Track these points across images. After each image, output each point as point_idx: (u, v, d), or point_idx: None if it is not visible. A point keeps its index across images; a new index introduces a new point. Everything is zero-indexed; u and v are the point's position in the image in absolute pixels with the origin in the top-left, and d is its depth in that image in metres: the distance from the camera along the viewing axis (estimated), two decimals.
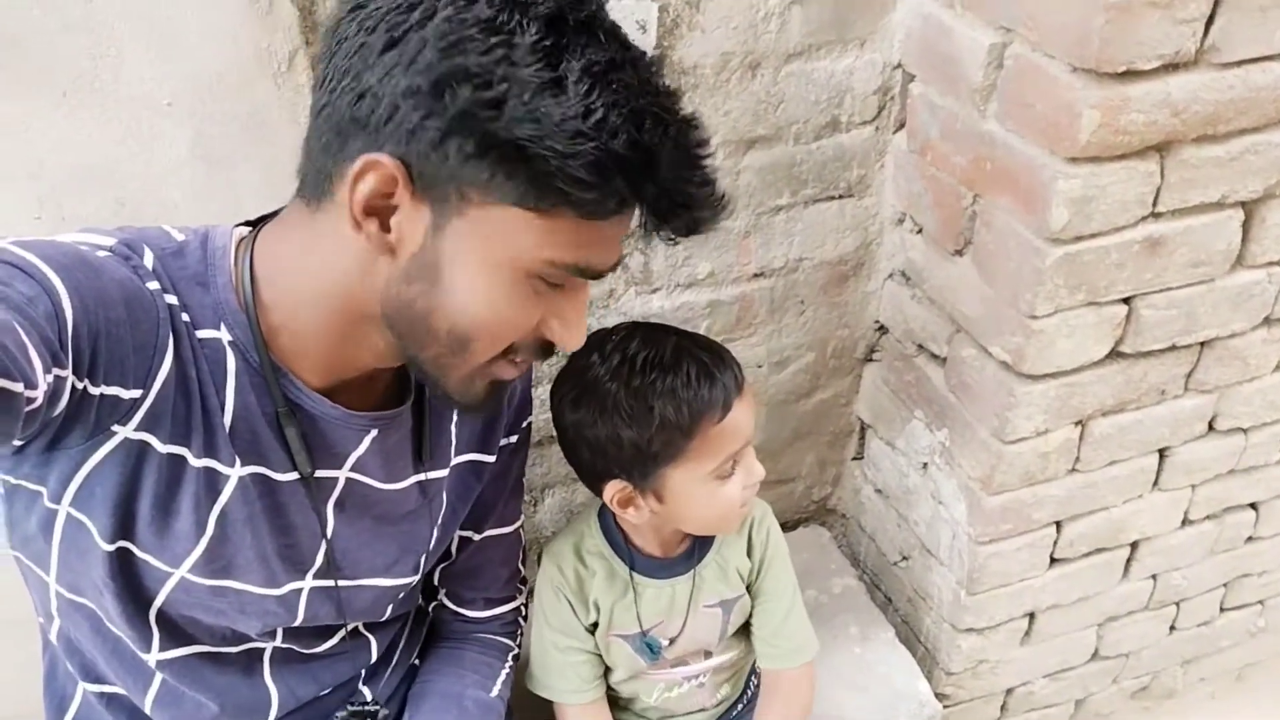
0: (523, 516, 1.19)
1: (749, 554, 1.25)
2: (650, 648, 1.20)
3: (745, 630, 1.30)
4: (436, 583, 1.17)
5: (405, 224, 0.72)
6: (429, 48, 0.66)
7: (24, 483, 0.77)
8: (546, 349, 0.83)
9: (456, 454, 1.03)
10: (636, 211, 0.76)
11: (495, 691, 1.15)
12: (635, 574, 1.19)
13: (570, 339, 0.81)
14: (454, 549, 1.14)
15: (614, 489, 1.09)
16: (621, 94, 0.67)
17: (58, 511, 0.78)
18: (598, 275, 0.79)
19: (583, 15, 0.68)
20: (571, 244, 0.73)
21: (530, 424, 1.13)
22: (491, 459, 1.07)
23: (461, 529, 1.12)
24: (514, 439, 1.10)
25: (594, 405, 1.05)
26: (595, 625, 1.21)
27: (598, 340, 1.08)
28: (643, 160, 0.68)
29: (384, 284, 0.76)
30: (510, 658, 1.20)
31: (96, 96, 1.03)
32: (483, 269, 0.73)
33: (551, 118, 0.65)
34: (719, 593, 1.23)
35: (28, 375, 0.60)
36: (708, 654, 1.26)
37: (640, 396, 1.02)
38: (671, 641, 1.21)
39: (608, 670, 1.26)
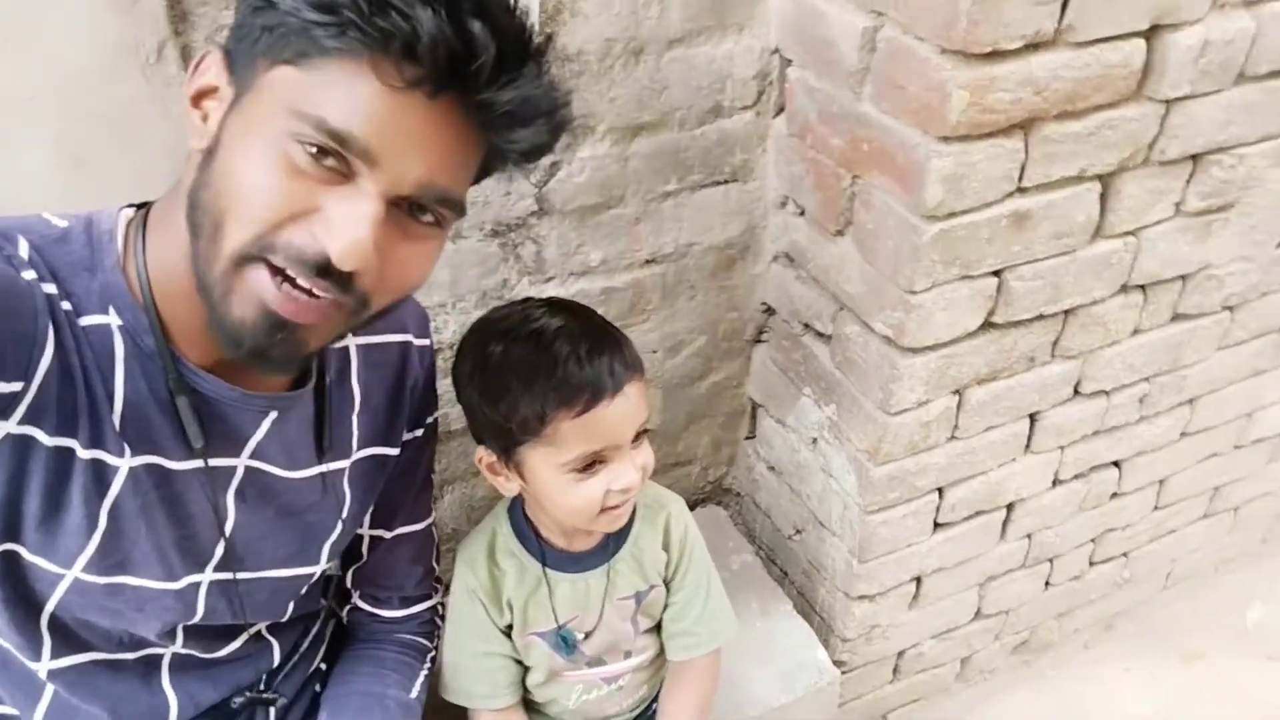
0: (434, 514, 1.18)
1: (665, 548, 1.24)
2: (566, 641, 1.19)
3: (659, 630, 1.29)
4: (350, 584, 1.15)
5: (215, 111, 0.75)
6: None
7: None
8: (314, 263, 0.71)
9: (359, 446, 1.01)
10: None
11: (414, 693, 1.14)
12: (548, 569, 1.18)
13: (336, 245, 0.70)
14: (365, 549, 1.12)
15: (481, 454, 1.10)
16: None
17: None
18: (365, 153, 0.70)
19: None
20: (325, 97, 0.69)
21: (436, 420, 1.12)
22: (395, 452, 1.06)
23: (372, 528, 1.11)
24: (419, 433, 1.09)
25: (468, 365, 1.05)
26: (510, 627, 1.20)
27: (521, 302, 1.09)
28: None
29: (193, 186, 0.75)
30: (428, 659, 1.19)
31: None
32: (248, 135, 0.72)
33: None
34: (633, 585, 1.22)
35: None
36: (627, 654, 1.26)
37: (506, 368, 1.02)
38: (587, 636, 1.21)
39: (525, 673, 1.24)
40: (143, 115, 1.07)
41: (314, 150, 0.70)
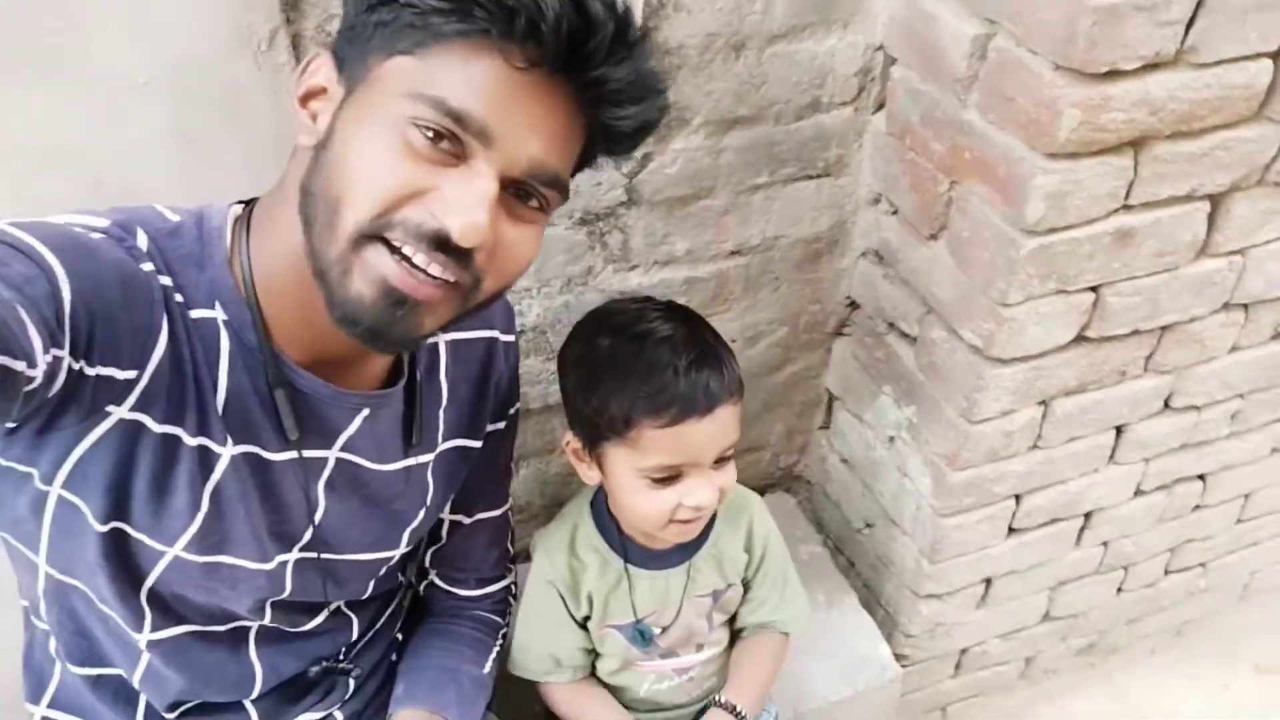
0: (510, 499, 1.21)
1: (747, 550, 1.25)
2: (643, 635, 1.22)
3: (732, 622, 1.32)
4: (428, 564, 1.19)
5: (326, 108, 0.77)
6: None
7: (14, 465, 0.77)
8: (433, 237, 0.73)
9: (444, 439, 1.04)
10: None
11: (487, 669, 1.18)
12: (629, 565, 1.20)
13: (453, 220, 0.72)
14: (444, 532, 1.16)
15: (569, 439, 1.12)
16: None
17: (49, 493, 0.78)
18: (482, 133, 0.72)
19: None
20: (444, 81, 0.71)
21: (518, 410, 1.14)
22: (479, 444, 1.09)
23: (452, 513, 1.14)
24: (501, 425, 1.12)
25: (577, 353, 1.08)
26: (587, 619, 1.23)
27: (641, 299, 1.11)
28: None
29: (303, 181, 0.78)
30: (501, 635, 1.22)
31: (70, 75, 1.01)
32: (363, 123, 0.74)
33: None
34: (712, 583, 1.24)
35: (29, 354, 0.61)
36: (700, 647, 1.28)
37: (605, 365, 1.04)
38: (664, 630, 1.24)
39: (596, 660, 1.28)
40: (253, 100, 1.09)
41: (431, 134, 0.71)
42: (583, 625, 1.23)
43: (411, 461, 1.00)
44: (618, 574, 1.20)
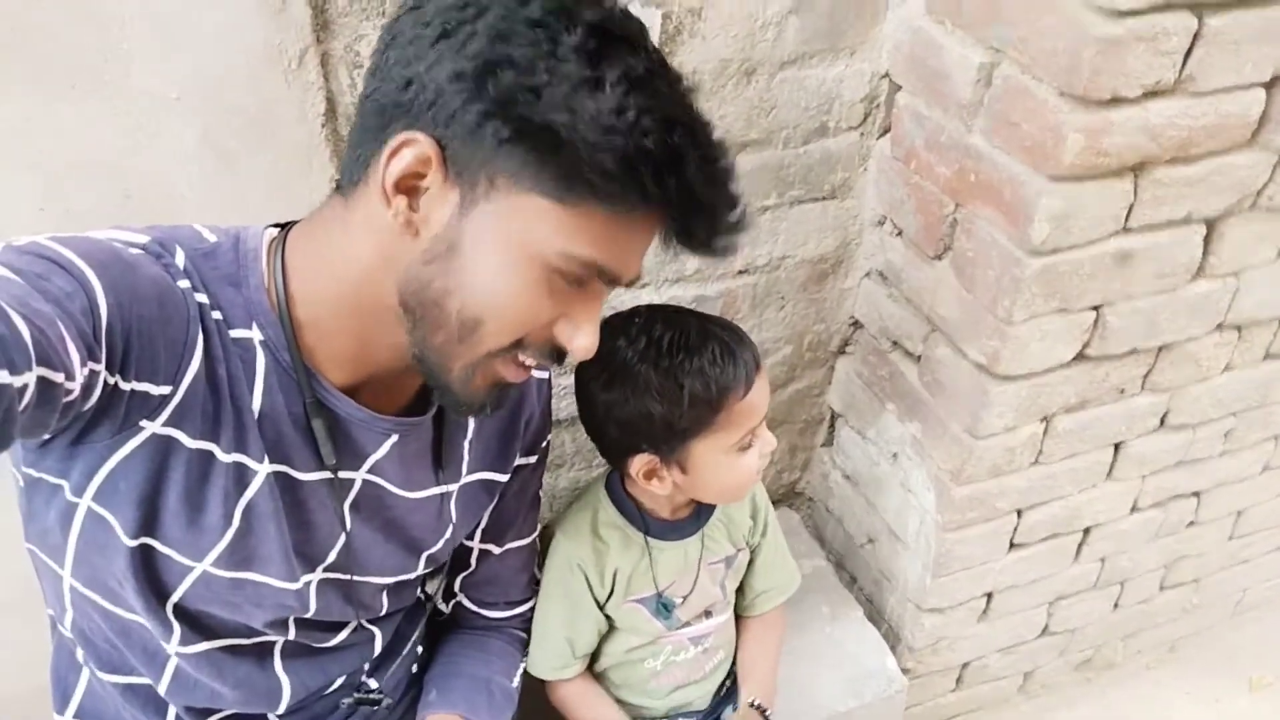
0: (539, 526, 1.24)
1: (753, 515, 1.36)
2: (666, 607, 1.29)
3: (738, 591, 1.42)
4: (457, 589, 1.21)
5: (433, 204, 0.75)
6: (478, 38, 0.69)
7: (45, 476, 0.78)
8: (555, 353, 0.83)
9: (468, 471, 1.05)
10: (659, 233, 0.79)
11: (515, 682, 1.20)
12: (650, 538, 1.26)
13: (581, 344, 0.81)
14: (474, 560, 1.18)
15: (641, 462, 1.16)
16: (654, 101, 0.70)
17: (78, 505, 0.79)
18: (614, 280, 0.80)
19: (626, 30, 0.72)
20: (591, 240, 0.75)
21: (549, 444, 1.17)
22: (504, 478, 1.10)
23: (482, 542, 1.16)
24: (532, 459, 1.14)
25: (625, 386, 1.10)
26: (609, 598, 1.27)
27: (620, 324, 1.13)
28: (669, 158, 0.71)
29: (404, 266, 0.77)
30: (527, 651, 1.26)
31: (103, 89, 1.03)
32: (503, 253, 0.75)
33: (587, 110, 0.68)
34: (724, 550, 1.33)
35: (68, 366, 0.62)
36: (708, 614, 1.35)
37: (671, 376, 1.08)
38: (683, 600, 1.30)
39: (605, 645, 1.33)
40: (281, 116, 1.12)
41: (573, 279, 0.78)
42: (599, 607, 1.28)
43: (436, 490, 1.01)
44: (640, 549, 1.26)
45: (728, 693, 1.42)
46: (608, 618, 1.29)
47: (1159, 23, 1.03)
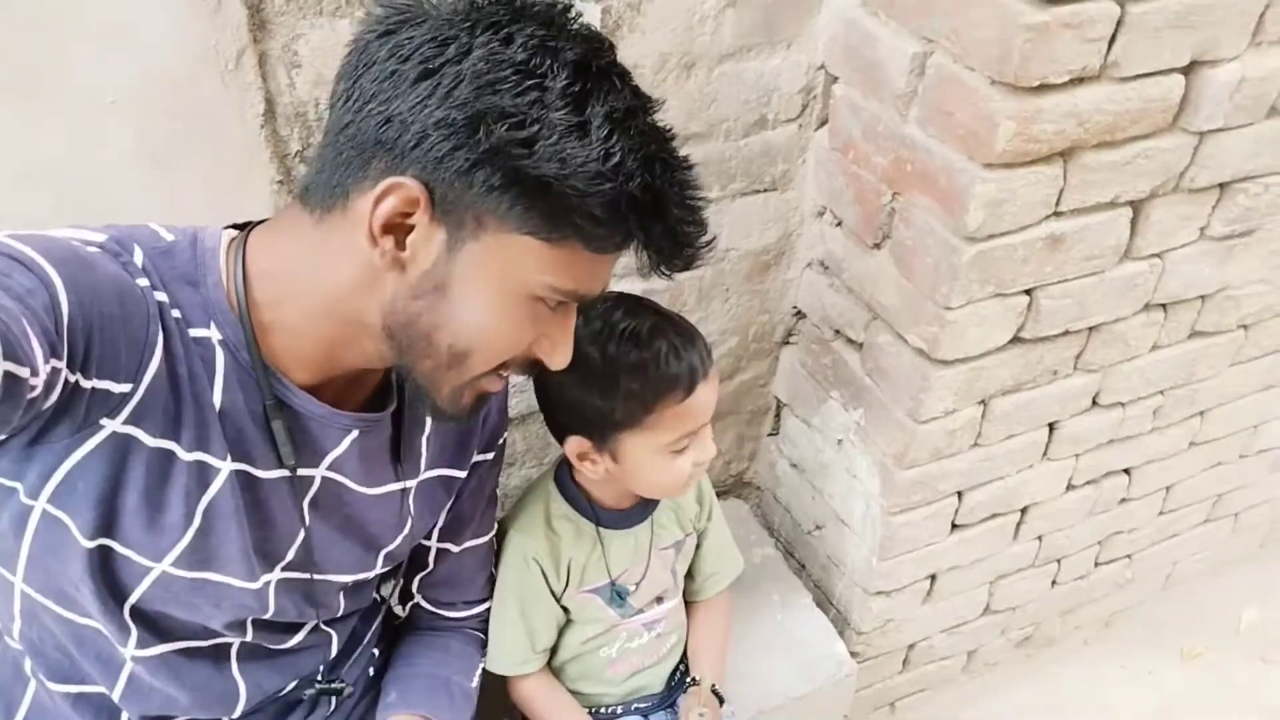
0: (496, 525, 1.24)
1: (699, 501, 1.38)
2: (620, 595, 1.30)
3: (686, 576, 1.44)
4: (415, 589, 1.21)
5: (420, 243, 0.76)
6: (465, 84, 0.70)
7: None
8: (534, 365, 0.88)
9: (426, 467, 1.05)
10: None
11: (474, 683, 1.20)
12: (601, 528, 1.27)
13: (558, 358, 0.87)
14: (432, 559, 1.18)
15: (575, 444, 1.17)
16: (636, 139, 0.73)
17: (33, 508, 0.78)
18: (588, 300, 0.85)
19: (603, 62, 0.74)
20: (574, 273, 0.79)
21: (505, 441, 1.18)
22: (463, 474, 1.11)
23: (440, 541, 1.16)
24: (489, 455, 1.14)
25: (573, 368, 1.10)
26: (565, 590, 1.28)
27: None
28: (652, 202, 0.75)
29: (389, 298, 0.79)
30: (485, 651, 1.25)
31: (38, 93, 1.01)
32: (490, 289, 0.78)
33: (576, 159, 0.71)
34: (673, 535, 1.35)
35: (32, 362, 0.62)
36: (660, 599, 1.36)
37: (611, 365, 1.09)
38: (636, 586, 1.31)
39: (561, 639, 1.33)
40: (219, 118, 1.10)
41: (554, 304, 0.82)
42: (555, 599, 1.28)
43: (396, 486, 1.01)
44: (592, 539, 1.27)
45: (681, 676, 1.44)
46: (564, 609, 1.30)
47: (1084, 11, 1.06)
